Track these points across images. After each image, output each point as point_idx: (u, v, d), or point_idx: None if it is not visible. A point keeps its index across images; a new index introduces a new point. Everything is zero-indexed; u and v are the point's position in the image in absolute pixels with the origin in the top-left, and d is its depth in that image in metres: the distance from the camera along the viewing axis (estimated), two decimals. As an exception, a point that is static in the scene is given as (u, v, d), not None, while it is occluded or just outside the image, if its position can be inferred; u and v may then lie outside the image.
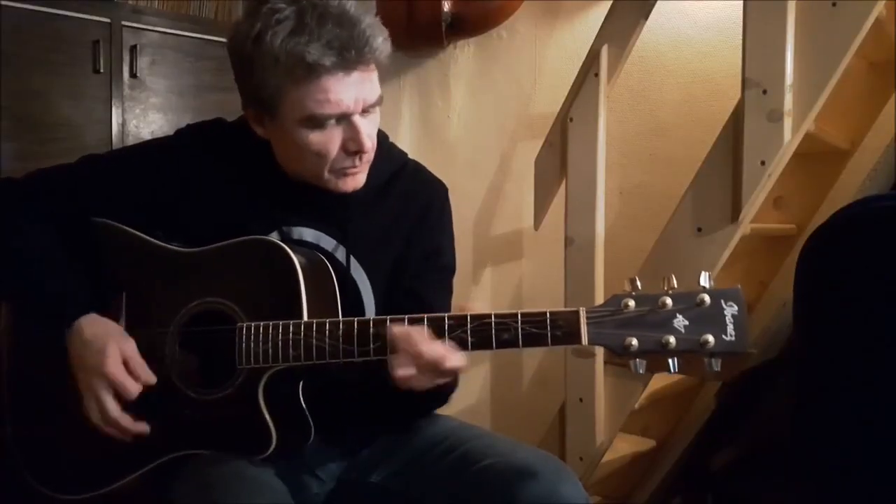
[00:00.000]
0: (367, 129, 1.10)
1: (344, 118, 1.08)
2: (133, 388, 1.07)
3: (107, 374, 1.05)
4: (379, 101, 1.11)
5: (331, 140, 1.09)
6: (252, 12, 1.07)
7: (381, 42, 1.07)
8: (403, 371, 0.98)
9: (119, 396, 1.07)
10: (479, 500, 1.07)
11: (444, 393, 1.10)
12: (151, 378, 1.09)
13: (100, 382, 1.06)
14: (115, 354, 1.06)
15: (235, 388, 1.08)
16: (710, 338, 0.92)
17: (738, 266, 2.00)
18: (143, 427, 1.09)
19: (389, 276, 1.21)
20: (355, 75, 1.06)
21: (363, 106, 1.08)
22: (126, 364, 1.07)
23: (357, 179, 1.15)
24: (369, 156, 1.14)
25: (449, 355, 0.98)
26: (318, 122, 1.08)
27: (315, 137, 1.09)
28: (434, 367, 0.98)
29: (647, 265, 1.68)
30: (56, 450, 1.17)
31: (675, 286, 0.94)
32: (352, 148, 1.10)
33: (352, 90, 1.06)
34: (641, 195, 2.32)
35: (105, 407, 1.07)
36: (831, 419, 1.08)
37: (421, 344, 0.97)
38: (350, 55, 1.04)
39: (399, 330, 0.99)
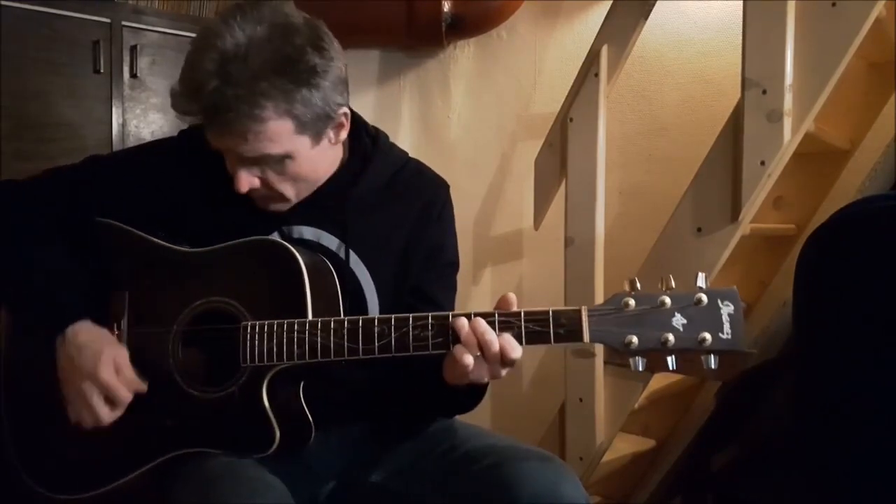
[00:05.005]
0: (247, 178, 1.09)
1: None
2: (125, 396, 1.08)
3: (100, 378, 1.06)
4: (279, 158, 1.08)
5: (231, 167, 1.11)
6: (206, 25, 1.07)
7: (260, 111, 1.02)
8: (468, 359, 0.99)
9: (110, 402, 1.08)
10: (479, 500, 1.07)
11: (483, 387, 1.11)
12: (142, 387, 1.10)
13: (92, 387, 1.07)
14: (109, 361, 1.08)
15: (238, 387, 1.08)
16: (708, 335, 0.93)
17: (738, 266, 2.00)
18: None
19: (393, 275, 1.21)
20: (225, 139, 1.07)
21: (242, 159, 1.08)
22: (117, 372, 1.08)
23: (266, 205, 1.15)
24: (284, 190, 1.13)
25: (514, 345, 0.99)
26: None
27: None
28: (499, 357, 0.99)
29: (647, 265, 1.68)
30: (54, 449, 1.17)
31: (674, 286, 0.96)
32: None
33: (223, 143, 1.08)
34: (641, 195, 2.32)
35: (97, 413, 1.08)
36: (832, 419, 1.08)
37: (488, 334, 0.98)
38: (211, 125, 1.06)
39: (463, 320, 1.00)
